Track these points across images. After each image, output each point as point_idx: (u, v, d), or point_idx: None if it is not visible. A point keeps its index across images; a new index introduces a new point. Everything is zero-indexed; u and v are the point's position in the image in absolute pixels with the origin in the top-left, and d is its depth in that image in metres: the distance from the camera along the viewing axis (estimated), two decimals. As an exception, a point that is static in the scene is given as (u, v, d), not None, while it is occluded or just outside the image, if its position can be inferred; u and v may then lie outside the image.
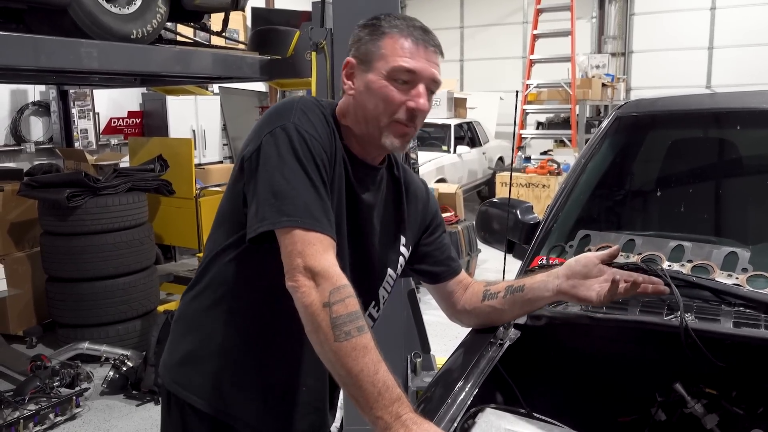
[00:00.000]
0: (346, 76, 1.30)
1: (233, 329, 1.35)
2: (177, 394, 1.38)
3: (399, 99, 1.24)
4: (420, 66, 1.24)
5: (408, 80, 1.24)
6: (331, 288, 1.10)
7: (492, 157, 11.20)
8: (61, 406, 3.51)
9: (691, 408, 1.46)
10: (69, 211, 4.18)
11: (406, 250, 1.47)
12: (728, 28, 12.05)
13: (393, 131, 1.26)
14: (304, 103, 1.25)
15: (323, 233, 1.15)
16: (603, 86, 10.03)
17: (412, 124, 1.27)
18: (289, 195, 1.15)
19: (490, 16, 13.79)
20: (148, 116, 8.58)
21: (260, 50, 5.05)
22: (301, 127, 1.20)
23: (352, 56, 1.29)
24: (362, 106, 1.27)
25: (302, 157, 1.17)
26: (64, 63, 3.55)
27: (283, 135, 1.19)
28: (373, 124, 1.26)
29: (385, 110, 1.24)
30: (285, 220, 1.14)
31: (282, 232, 1.15)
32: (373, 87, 1.24)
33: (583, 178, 2.05)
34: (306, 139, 1.19)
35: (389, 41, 1.24)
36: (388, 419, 1.05)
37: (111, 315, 4.37)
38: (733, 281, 1.49)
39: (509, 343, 1.48)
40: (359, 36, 1.29)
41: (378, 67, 1.24)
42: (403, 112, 1.25)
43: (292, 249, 1.13)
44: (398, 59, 1.23)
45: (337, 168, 1.27)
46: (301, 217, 1.14)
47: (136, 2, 4.00)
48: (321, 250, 1.13)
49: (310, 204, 1.15)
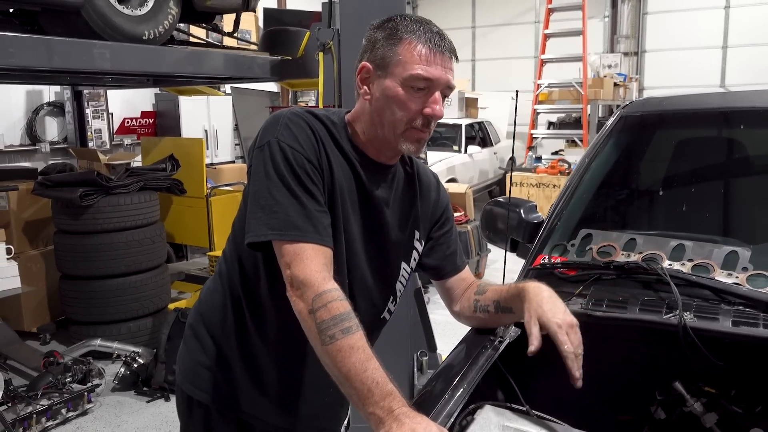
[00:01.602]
0: (361, 81, 1.32)
1: (258, 333, 1.39)
2: (201, 399, 1.43)
3: (416, 107, 1.26)
4: (437, 74, 1.25)
5: (424, 87, 1.26)
6: (313, 295, 1.16)
7: (503, 157, 11.17)
8: (73, 401, 3.57)
9: (691, 407, 1.47)
10: (82, 209, 4.24)
11: (420, 245, 1.50)
12: (743, 27, 11.92)
13: (409, 137, 1.29)
14: (289, 118, 1.29)
15: (307, 242, 1.20)
16: (615, 86, 9.96)
17: (427, 129, 1.30)
18: (273, 209, 1.21)
19: (502, 15, 13.75)
20: (161, 116, 8.66)
21: (271, 51, 5.09)
22: (284, 141, 1.25)
23: (368, 60, 1.30)
24: (379, 111, 1.29)
25: (284, 171, 1.23)
26: (77, 64, 3.61)
27: (268, 151, 1.25)
28: (389, 129, 1.29)
29: (402, 118, 1.27)
30: (270, 234, 1.21)
31: (274, 245, 1.23)
32: (389, 94, 1.26)
33: (587, 176, 2.06)
34: (287, 154, 1.24)
35: (407, 47, 1.25)
36: (381, 414, 1.07)
37: (123, 312, 4.43)
38: (733, 280, 1.49)
39: (509, 341, 1.49)
40: (374, 38, 1.30)
41: (395, 73, 1.26)
42: (420, 119, 1.27)
43: (282, 262, 1.21)
44: (416, 67, 1.24)
45: (338, 170, 1.30)
46: (284, 230, 1.20)
47: (148, 4, 4.05)
48: (305, 260, 1.19)
49: (293, 216, 1.21)
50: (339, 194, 1.30)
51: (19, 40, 3.29)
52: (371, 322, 1.43)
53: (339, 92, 2.90)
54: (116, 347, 4.20)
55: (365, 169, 1.35)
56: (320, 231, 1.22)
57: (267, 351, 1.39)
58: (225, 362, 1.42)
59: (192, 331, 1.49)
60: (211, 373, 1.42)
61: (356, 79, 1.34)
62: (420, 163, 1.54)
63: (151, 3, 4.07)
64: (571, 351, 1.27)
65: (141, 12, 4.04)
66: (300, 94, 10.88)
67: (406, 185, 1.46)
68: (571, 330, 1.29)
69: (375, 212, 1.38)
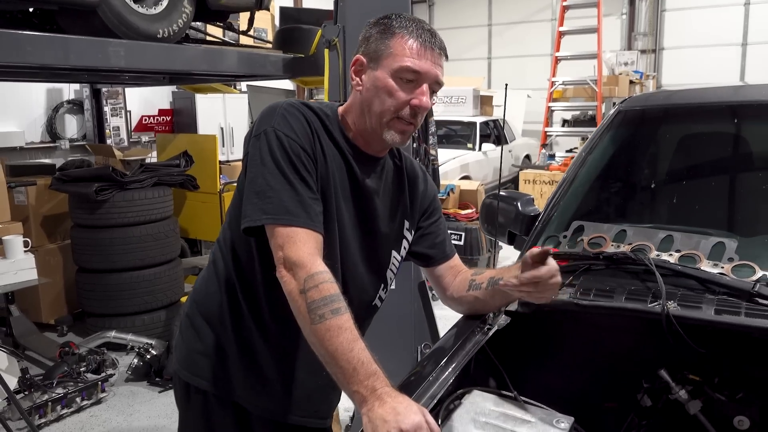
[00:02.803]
0: (354, 73, 1.38)
1: (252, 318, 1.44)
2: (198, 386, 1.48)
3: (404, 97, 1.32)
4: (425, 67, 1.31)
5: (413, 79, 1.32)
6: (305, 275, 1.20)
7: (518, 155, 11.15)
8: (88, 390, 3.66)
9: (676, 394, 1.50)
10: (97, 204, 4.34)
11: (410, 234, 1.55)
12: (763, 24, 11.75)
13: (394, 127, 1.35)
14: (285, 108, 1.35)
15: (300, 227, 1.25)
16: (630, 83, 9.90)
17: (413, 121, 1.35)
18: (268, 195, 1.27)
19: (519, 13, 13.71)
20: (178, 114, 8.79)
21: (284, 49, 5.15)
22: (280, 130, 1.30)
23: (362, 53, 1.37)
24: (368, 101, 1.35)
25: (280, 158, 1.28)
26: (92, 62, 3.69)
27: (264, 139, 1.30)
28: (376, 119, 1.35)
29: (390, 106, 1.32)
30: (264, 218, 1.26)
31: (267, 229, 1.28)
32: (379, 84, 1.32)
33: (583, 170, 2.09)
34: (283, 142, 1.29)
35: (398, 41, 1.31)
36: (364, 392, 1.12)
37: (137, 305, 4.52)
38: (719, 270, 1.52)
39: (497, 328, 1.53)
40: (369, 34, 1.37)
41: (385, 65, 1.32)
42: (407, 109, 1.33)
43: (274, 243, 1.26)
44: (405, 59, 1.30)
45: (331, 160, 1.36)
46: (278, 214, 1.25)
47: (162, 2, 4.13)
48: (298, 242, 1.24)
49: (286, 201, 1.26)
50: (332, 184, 1.35)
51: (35, 38, 3.39)
52: (363, 308, 1.48)
53: (344, 89, 2.94)
54: (130, 339, 4.29)
55: (356, 160, 1.40)
56: (312, 217, 1.27)
57: (262, 336, 1.44)
58: (221, 348, 1.46)
59: (188, 320, 1.54)
60: (207, 360, 1.47)
61: (350, 71, 1.40)
62: (408, 156, 1.59)
63: (166, 2, 4.14)
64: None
65: (156, 11, 4.11)
66: (315, 92, 10.95)
67: (395, 177, 1.51)
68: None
69: (366, 202, 1.43)
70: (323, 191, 1.34)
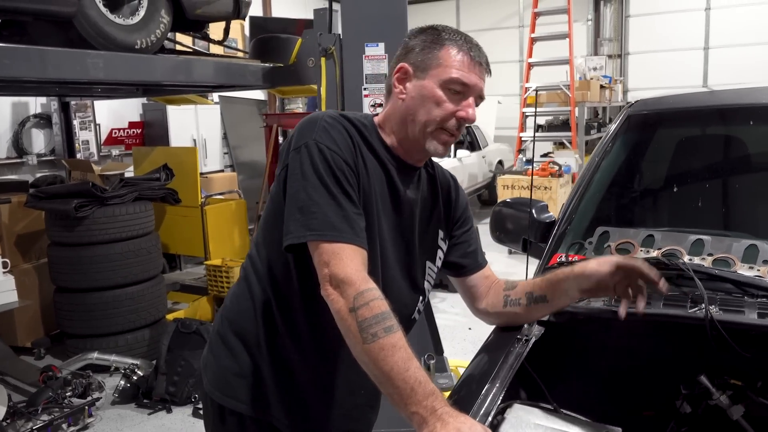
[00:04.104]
0: (398, 81, 1.36)
1: (289, 336, 1.38)
2: (233, 408, 1.42)
3: (451, 108, 1.32)
4: (473, 80, 1.32)
5: (460, 91, 1.32)
6: (355, 293, 1.16)
7: (492, 161, 11.22)
8: (74, 416, 3.51)
9: (717, 400, 1.48)
10: (77, 221, 4.19)
11: (444, 244, 1.52)
12: (723, 28, 12.10)
13: (438, 138, 1.34)
14: (326, 121, 1.31)
15: (345, 242, 1.21)
16: (601, 88, 10.06)
17: (456, 133, 1.35)
18: (311, 210, 1.22)
19: (487, 20, 13.83)
20: (149, 126, 8.60)
21: (262, 58, 5.08)
22: (322, 143, 1.26)
23: (407, 62, 1.35)
24: (413, 109, 1.33)
25: (323, 172, 1.24)
26: (71, 74, 3.58)
27: (306, 152, 1.26)
28: (420, 128, 1.33)
29: (436, 116, 1.31)
30: (309, 234, 1.22)
31: (310, 246, 1.23)
32: (426, 93, 1.31)
33: (597, 176, 2.08)
34: (326, 155, 1.25)
35: (448, 52, 1.32)
36: (424, 413, 1.07)
37: (120, 324, 4.38)
38: (755, 273, 1.51)
39: (534, 339, 1.49)
40: (413, 43, 1.36)
41: (434, 74, 1.31)
42: (454, 120, 1.32)
43: (319, 260, 1.21)
44: (455, 71, 1.30)
45: (372, 173, 1.32)
46: (323, 230, 1.21)
47: (139, 13, 4.03)
48: (345, 259, 1.19)
49: (331, 217, 1.21)
50: (373, 197, 1.32)
51: (12, 51, 3.26)
52: (403, 322, 1.42)
53: (341, 96, 2.90)
54: (114, 360, 4.15)
55: (396, 170, 1.38)
56: (357, 232, 1.23)
57: (299, 354, 1.38)
58: (257, 368, 1.40)
59: (219, 338, 1.47)
60: (243, 380, 1.41)
61: (392, 79, 1.38)
62: (439, 165, 1.56)
63: (143, 12, 4.05)
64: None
65: (133, 21, 4.01)
66: (287, 102, 10.86)
67: (430, 186, 1.49)
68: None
69: (405, 213, 1.40)
70: (365, 205, 1.30)
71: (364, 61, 2.70)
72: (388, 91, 1.40)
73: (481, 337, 1.63)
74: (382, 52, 2.71)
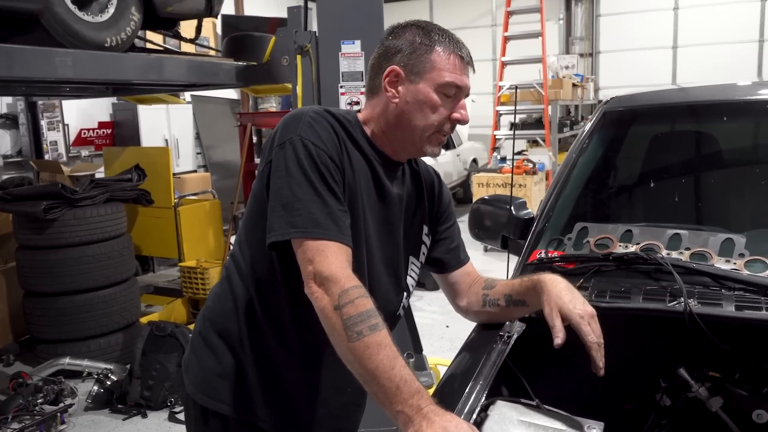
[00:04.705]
0: (389, 84, 1.34)
1: (274, 336, 1.36)
2: (217, 410, 1.39)
3: (447, 112, 1.33)
4: (465, 82, 1.34)
5: (454, 94, 1.32)
6: (339, 291, 1.14)
7: (466, 159, 11.28)
8: (46, 423, 3.43)
9: (696, 392, 1.50)
10: (46, 223, 4.09)
11: (428, 239, 1.52)
12: (691, 28, 12.36)
13: (434, 140, 1.35)
14: (311, 115, 1.29)
15: (330, 240, 1.19)
16: (573, 86, 10.18)
17: (450, 133, 1.36)
18: (296, 207, 1.20)
19: (459, 19, 13.89)
20: (120, 126, 8.45)
21: (235, 57, 5.02)
22: (307, 138, 1.24)
23: (398, 64, 1.33)
24: (409, 115, 1.32)
25: (307, 168, 1.22)
26: (38, 72, 3.49)
27: (290, 148, 1.24)
28: (418, 132, 1.33)
29: (434, 121, 1.32)
30: (293, 232, 1.20)
31: (294, 243, 1.21)
32: (422, 98, 1.31)
33: (575, 173, 2.09)
34: (311, 151, 1.23)
35: (440, 56, 1.31)
36: (409, 412, 1.06)
37: (92, 329, 4.28)
38: (732, 266, 1.53)
39: (516, 336, 1.49)
40: (401, 44, 1.34)
41: (428, 79, 1.31)
42: (449, 123, 1.34)
43: (303, 258, 1.19)
44: (449, 75, 1.31)
45: (357, 169, 1.31)
46: (307, 227, 1.19)
47: (109, 10, 3.94)
48: (329, 256, 1.18)
49: (315, 214, 1.20)
50: (359, 193, 1.31)
51: (-25, 49, 3.17)
52: (388, 319, 1.41)
53: (318, 94, 2.87)
54: (86, 365, 4.06)
55: (381, 166, 1.37)
56: (342, 230, 1.22)
57: (284, 353, 1.36)
58: (239, 368, 1.38)
59: (201, 339, 1.44)
60: (226, 381, 1.38)
61: (382, 82, 1.35)
62: (422, 161, 1.56)
63: (113, 9, 3.96)
64: (595, 341, 1.31)
65: (102, 18, 3.92)
66: (261, 100, 10.77)
67: (413, 182, 1.49)
68: (592, 320, 1.32)
69: (390, 209, 1.39)
70: (350, 201, 1.28)
71: (341, 59, 2.68)
72: (369, 90, 1.39)
73: (459, 334, 1.63)
74: (359, 50, 2.69)
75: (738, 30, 11.89)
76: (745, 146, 2.04)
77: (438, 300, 5.28)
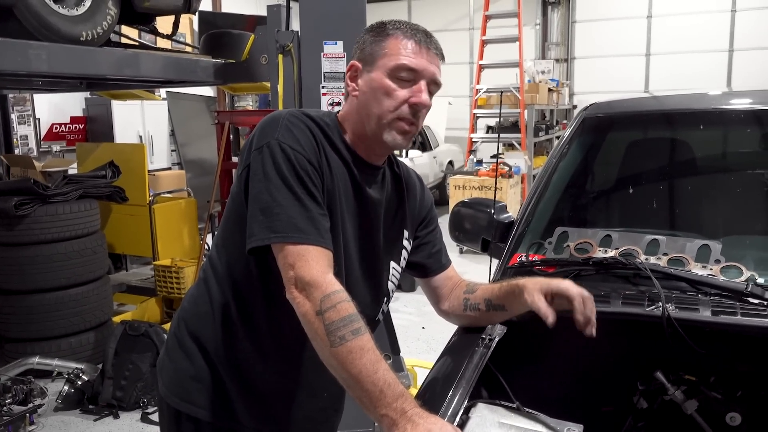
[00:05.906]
0: (350, 79, 1.34)
1: (249, 339, 1.35)
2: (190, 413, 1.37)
3: (402, 96, 1.28)
4: (422, 64, 1.29)
5: (410, 79, 1.28)
6: (321, 296, 1.14)
7: (443, 161, 11.35)
8: (14, 424, 3.35)
9: (672, 395, 1.53)
10: (17, 220, 4.00)
11: (409, 244, 1.51)
12: (663, 36, 12.60)
13: (396, 127, 1.30)
14: (288, 119, 1.28)
15: (311, 244, 1.19)
16: (549, 91, 10.30)
17: (415, 121, 1.31)
18: (275, 211, 1.19)
19: (438, 22, 13.95)
20: (92, 122, 8.31)
21: (213, 54, 4.98)
22: (285, 142, 1.23)
23: (357, 59, 1.34)
24: (366, 104, 1.30)
25: (286, 172, 1.21)
26: (11, 65, 3.41)
27: (268, 152, 1.23)
28: (376, 121, 1.30)
29: (389, 107, 1.28)
30: (273, 237, 1.19)
31: (274, 248, 1.20)
32: (375, 85, 1.29)
33: (555, 177, 2.11)
34: (289, 155, 1.22)
35: (393, 41, 1.29)
36: (393, 416, 1.07)
37: (63, 327, 4.20)
38: (708, 272, 1.56)
39: (498, 339, 1.50)
40: (363, 39, 1.34)
41: (381, 65, 1.29)
42: (406, 107, 1.29)
43: (284, 263, 1.18)
44: (401, 57, 1.28)
45: (336, 172, 1.30)
46: (287, 232, 1.18)
47: (85, 3, 3.87)
48: (310, 261, 1.17)
49: (295, 218, 1.19)
50: (337, 197, 1.30)
51: (-55, 40, 3.09)
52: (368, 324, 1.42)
53: (299, 94, 2.86)
54: (56, 364, 3.98)
55: (359, 169, 1.35)
56: (323, 234, 1.21)
57: (259, 357, 1.35)
58: (214, 371, 1.36)
59: (176, 340, 1.42)
60: (200, 384, 1.37)
61: (346, 78, 1.36)
62: (405, 165, 1.55)
63: (89, 3, 3.89)
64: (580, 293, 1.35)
65: (78, 12, 3.85)
66: (237, 98, 10.68)
67: (394, 186, 1.48)
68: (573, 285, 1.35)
69: (369, 213, 1.38)
70: (329, 205, 1.27)
71: (323, 59, 2.67)
72: (347, 91, 1.38)
73: (435, 336, 1.64)
74: (341, 51, 2.69)
75: (709, 39, 12.16)
76: (718, 154, 2.09)
77: (414, 301, 5.29)
